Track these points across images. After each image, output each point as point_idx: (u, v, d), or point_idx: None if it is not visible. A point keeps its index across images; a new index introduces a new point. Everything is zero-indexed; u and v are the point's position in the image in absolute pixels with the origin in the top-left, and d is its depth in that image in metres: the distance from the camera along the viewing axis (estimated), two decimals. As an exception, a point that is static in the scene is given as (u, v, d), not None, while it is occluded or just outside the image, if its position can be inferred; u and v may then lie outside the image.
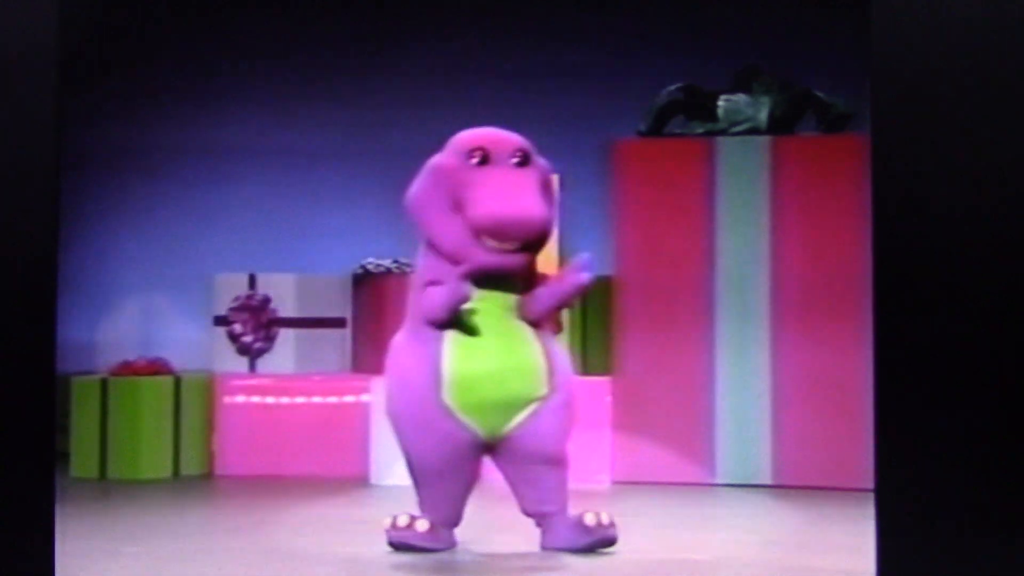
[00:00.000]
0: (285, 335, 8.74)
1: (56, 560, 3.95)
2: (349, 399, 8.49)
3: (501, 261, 5.55)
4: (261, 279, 8.81)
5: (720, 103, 8.36)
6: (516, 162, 5.64)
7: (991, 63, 3.56)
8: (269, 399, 8.59)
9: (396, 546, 5.67)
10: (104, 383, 8.50)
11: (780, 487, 7.87)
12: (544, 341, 5.73)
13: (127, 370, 8.57)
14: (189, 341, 9.27)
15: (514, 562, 5.65)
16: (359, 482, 8.09)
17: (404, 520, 5.67)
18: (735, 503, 7.53)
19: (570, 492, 5.78)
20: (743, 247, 8.11)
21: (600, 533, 5.65)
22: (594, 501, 6.07)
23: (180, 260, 9.66)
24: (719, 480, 8.04)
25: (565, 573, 5.41)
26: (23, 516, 3.71)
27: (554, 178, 5.90)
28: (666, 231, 8.21)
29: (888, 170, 3.57)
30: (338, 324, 8.80)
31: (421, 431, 5.61)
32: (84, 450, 8.39)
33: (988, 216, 3.56)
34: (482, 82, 9.36)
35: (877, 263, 3.60)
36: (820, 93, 8.33)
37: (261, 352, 8.73)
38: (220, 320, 8.81)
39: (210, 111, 9.76)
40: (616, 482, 8.06)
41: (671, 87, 8.45)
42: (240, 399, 8.61)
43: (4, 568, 3.65)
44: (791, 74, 8.44)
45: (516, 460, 5.67)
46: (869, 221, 3.68)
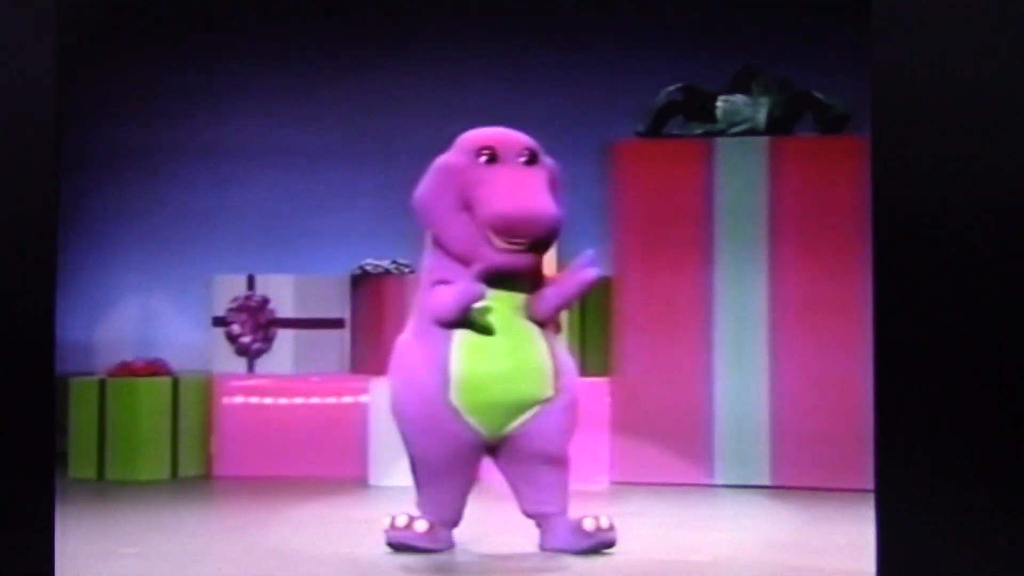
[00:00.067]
0: (284, 336, 8.73)
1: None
2: (348, 400, 8.48)
3: (510, 261, 5.54)
4: (260, 280, 8.80)
5: (719, 104, 8.36)
6: (524, 161, 5.63)
7: (991, 63, 3.56)
8: (268, 400, 8.58)
9: (395, 546, 5.67)
10: (102, 384, 8.49)
11: (778, 488, 7.87)
12: (550, 342, 5.73)
13: (125, 371, 8.56)
14: (187, 342, 9.26)
15: (513, 563, 5.65)
16: (357, 483, 8.09)
17: (403, 520, 5.66)
18: (734, 504, 7.53)
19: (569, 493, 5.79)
20: (742, 247, 8.11)
21: (599, 537, 5.64)
22: (592, 502, 6.07)
23: (178, 261, 9.65)
24: (717, 481, 8.04)
25: (564, 574, 5.41)
26: (23, 517, 3.71)
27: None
28: (665, 232, 8.21)
29: (888, 170, 3.58)
30: (337, 325, 8.80)
31: (426, 431, 5.61)
32: (82, 451, 8.38)
33: (988, 216, 3.56)
34: (481, 83, 9.36)
35: (877, 263, 3.60)
36: (819, 94, 8.33)
37: (260, 353, 8.72)
38: (219, 321, 8.80)
39: (209, 112, 9.75)
40: (614, 483, 8.06)
41: (670, 88, 8.45)
42: (239, 400, 8.61)
43: (4, 569, 3.65)
44: (790, 75, 8.44)
45: (518, 460, 5.66)
46: (868, 221, 3.68)
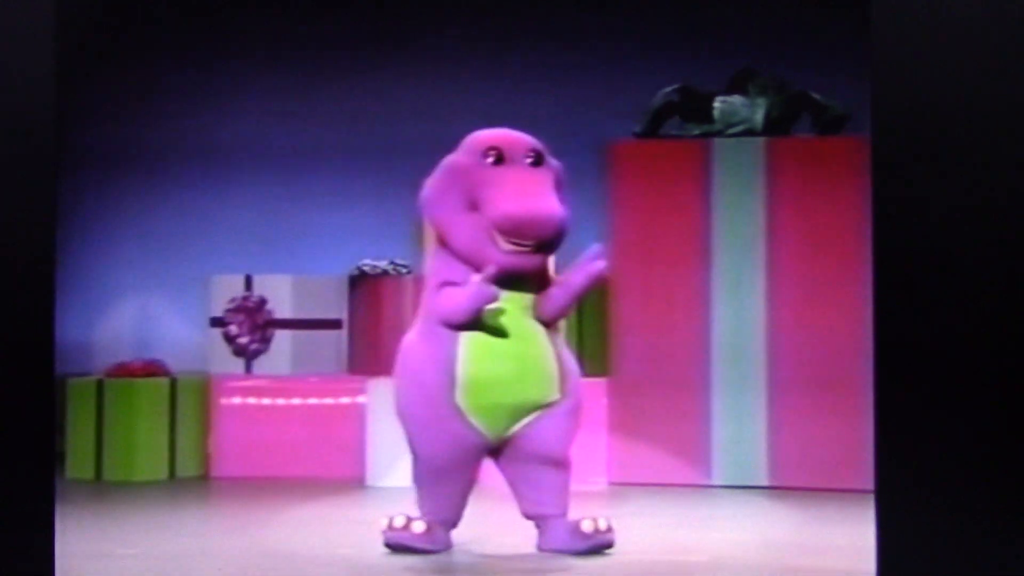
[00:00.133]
0: (281, 336, 8.72)
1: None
2: (345, 400, 8.47)
3: (517, 262, 5.53)
4: (257, 280, 8.79)
5: (716, 105, 8.36)
6: (530, 162, 5.63)
7: (991, 63, 3.56)
8: (265, 400, 8.57)
9: (392, 547, 5.67)
10: (100, 384, 8.48)
11: (776, 488, 7.87)
12: (556, 344, 5.73)
13: (123, 371, 8.56)
14: (185, 342, 9.26)
15: (511, 564, 5.64)
16: (355, 484, 8.08)
17: (400, 521, 5.66)
18: (731, 504, 7.53)
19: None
20: (739, 248, 8.11)
21: (597, 538, 5.64)
22: (590, 503, 6.07)
23: (176, 261, 9.64)
24: (715, 481, 8.04)
25: (562, 575, 5.41)
26: (23, 517, 3.71)
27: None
28: (662, 232, 8.21)
29: (888, 170, 3.58)
30: (334, 325, 8.79)
31: (430, 431, 5.60)
32: (80, 451, 8.37)
33: (988, 216, 3.56)
34: (478, 83, 9.35)
35: (877, 263, 3.60)
36: (816, 95, 8.33)
37: (257, 353, 8.72)
38: (216, 321, 8.79)
39: (206, 112, 9.74)
40: (612, 483, 8.05)
41: (667, 88, 8.45)
42: (236, 400, 8.60)
43: (4, 569, 3.65)
44: (787, 76, 8.44)
45: (519, 461, 5.66)
46: (865, 221, 3.69)
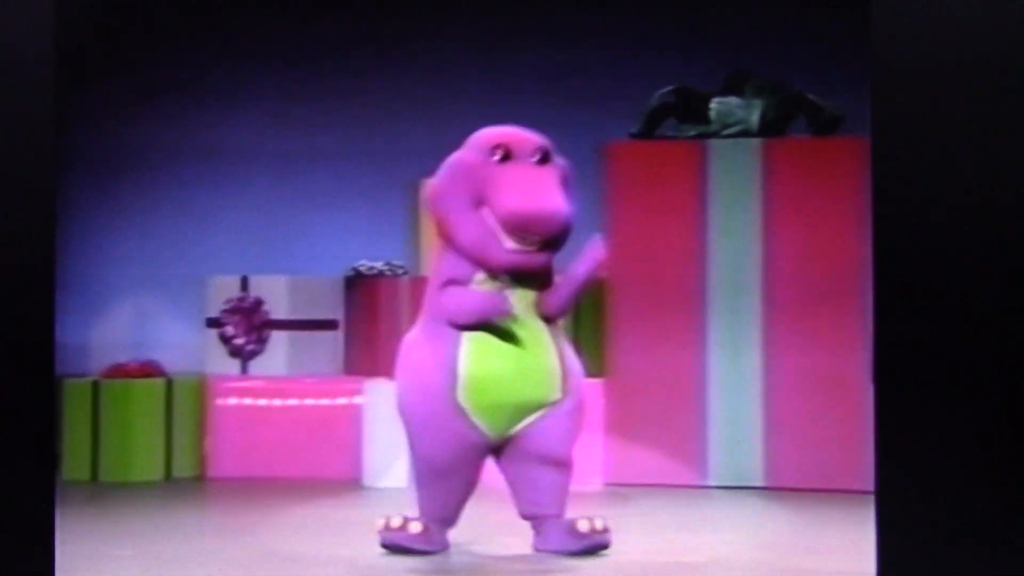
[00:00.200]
0: (277, 337, 8.72)
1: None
2: (341, 401, 8.47)
3: (523, 260, 5.54)
4: (253, 281, 8.79)
5: (712, 105, 8.36)
6: (537, 160, 5.62)
7: (992, 63, 3.57)
8: (261, 401, 8.57)
9: (389, 548, 5.67)
10: (96, 385, 8.48)
11: (772, 489, 7.88)
12: (559, 343, 5.73)
13: (119, 372, 8.56)
14: (181, 343, 9.24)
15: (508, 564, 5.64)
16: (351, 484, 8.08)
17: (397, 522, 5.66)
18: (728, 505, 7.53)
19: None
20: (735, 249, 8.11)
21: (593, 539, 5.64)
22: (586, 503, 6.07)
23: (172, 262, 9.63)
24: (711, 482, 8.04)
25: (558, 575, 5.41)
26: (23, 518, 3.70)
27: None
28: (658, 233, 8.21)
29: (888, 170, 3.58)
30: (330, 326, 8.79)
31: (432, 430, 5.59)
32: (76, 452, 8.37)
33: (988, 216, 3.56)
34: (475, 84, 9.35)
35: (877, 263, 3.60)
36: (812, 96, 8.33)
37: (253, 354, 8.71)
38: (212, 322, 8.79)
39: (204, 113, 9.73)
40: (609, 484, 8.05)
41: (663, 89, 8.45)
42: (232, 401, 8.60)
43: (4, 570, 3.64)
44: (783, 77, 8.45)
45: (520, 460, 5.66)
46: (861, 222, 3.70)
